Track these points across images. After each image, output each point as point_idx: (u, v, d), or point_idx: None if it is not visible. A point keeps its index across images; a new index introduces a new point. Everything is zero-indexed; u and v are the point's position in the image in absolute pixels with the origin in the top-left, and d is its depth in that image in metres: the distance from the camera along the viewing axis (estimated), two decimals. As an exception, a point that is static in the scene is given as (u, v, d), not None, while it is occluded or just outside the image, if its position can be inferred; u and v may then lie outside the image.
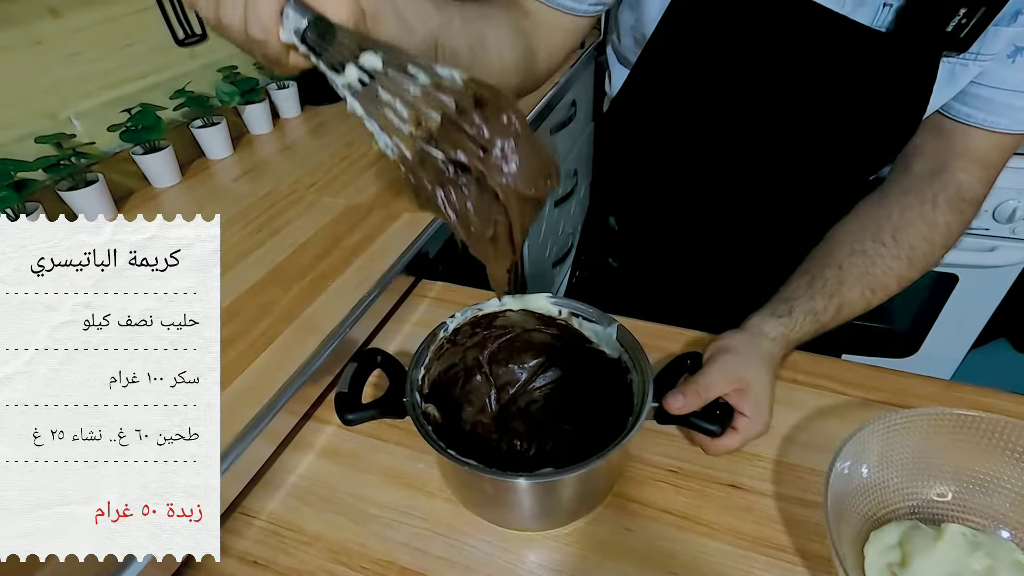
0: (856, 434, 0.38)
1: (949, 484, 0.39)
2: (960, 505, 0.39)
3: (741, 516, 0.45)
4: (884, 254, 0.52)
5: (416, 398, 0.43)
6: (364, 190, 0.86)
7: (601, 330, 0.48)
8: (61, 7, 0.78)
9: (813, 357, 0.57)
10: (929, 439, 0.39)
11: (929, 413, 0.38)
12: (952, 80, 0.48)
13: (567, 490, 0.41)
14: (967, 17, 0.42)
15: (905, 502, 0.40)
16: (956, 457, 0.39)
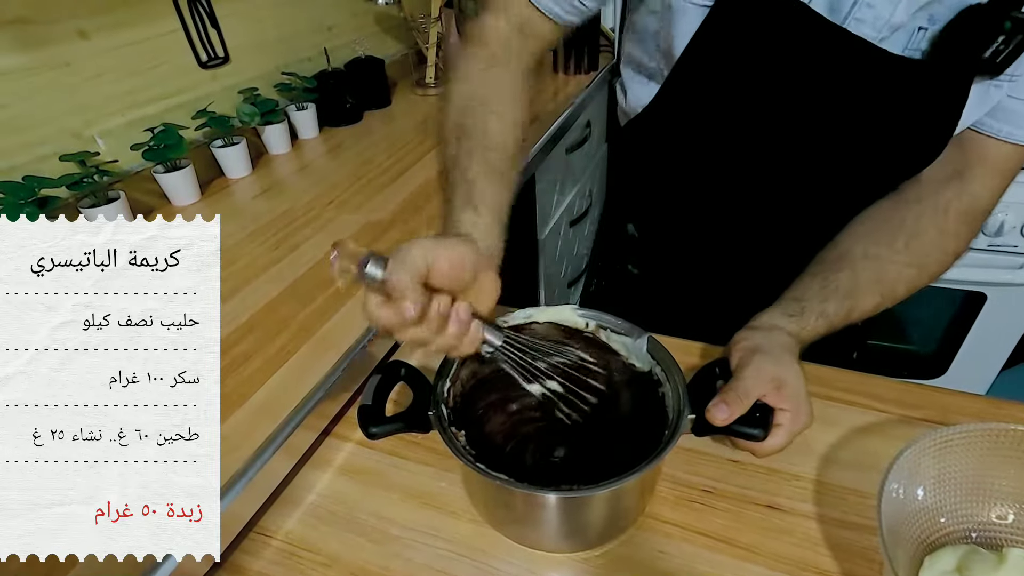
0: (905, 452, 0.36)
1: (1010, 505, 0.37)
2: (1023, 528, 0.36)
3: (781, 538, 0.42)
4: (897, 260, 0.52)
5: (443, 411, 0.42)
6: (382, 207, 0.86)
7: (631, 342, 0.47)
8: (90, 30, 0.80)
9: (847, 373, 0.55)
10: (986, 457, 0.36)
11: (986, 428, 0.36)
12: (984, 101, 0.48)
13: (599, 507, 0.39)
14: (1005, 44, 0.42)
15: (961, 525, 0.37)
16: (1017, 476, 0.36)
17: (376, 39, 1.38)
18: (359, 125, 1.19)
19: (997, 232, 0.97)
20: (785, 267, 0.57)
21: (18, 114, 0.74)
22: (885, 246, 0.52)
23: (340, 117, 1.18)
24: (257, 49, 1.07)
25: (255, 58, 1.06)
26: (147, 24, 0.87)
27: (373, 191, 0.91)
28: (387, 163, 1.01)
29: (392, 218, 0.83)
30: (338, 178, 0.96)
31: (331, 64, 1.19)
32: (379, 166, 1.00)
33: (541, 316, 0.49)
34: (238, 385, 0.53)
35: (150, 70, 0.89)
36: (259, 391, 0.53)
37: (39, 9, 0.74)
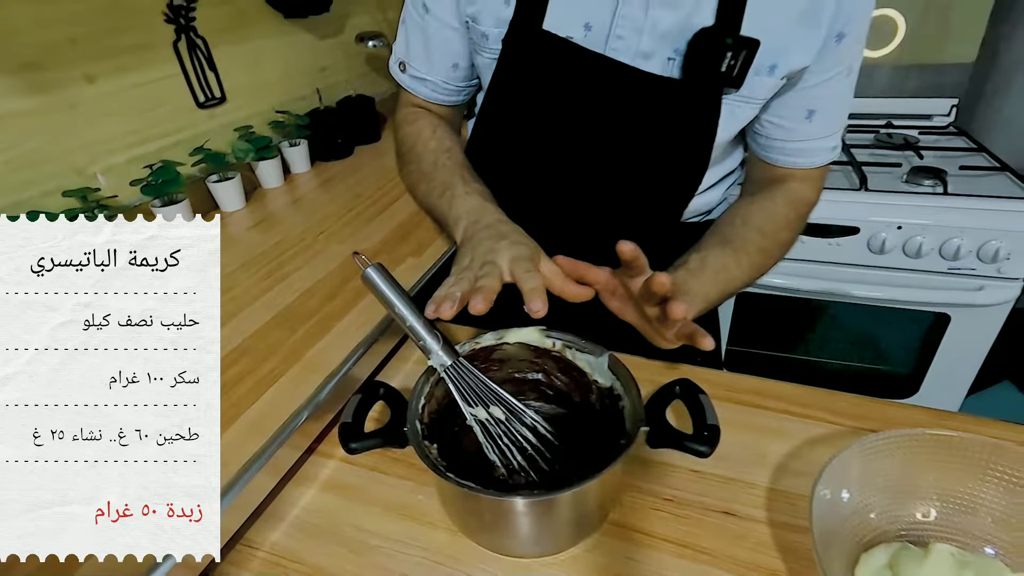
0: (834, 459, 0.40)
1: (933, 504, 0.40)
2: (945, 525, 0.40)
3: (737, 543, 0.45)
4: (745, 236, 0.58)
5: (417, 426, 0.45)
6: (370, 237, 0.90)
7: (594, 360, 0.50)
8: (97, 74, 0.85)
9: (805, 389, 0.59)
10: (908, 461, 0.40)
11: (905, 434, 0.40)
12: (732, 118, 0.56)
13: (562, 511, 0.42)
14: (734, 59, 0.51)
15: (892, 524, 0.41)
16: (937, 478, 0.40)
17: (367, 78, 1.44)
18: (350, 159, 1.25)
19: (955, 256, 1.03)
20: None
21: (25, 153, 0.78)
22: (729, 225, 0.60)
23: (331, 152, 1.23)
24: (253, 89, 1.12)
25: (251, 97, 1.12)
26: (149, 68, 0.93)
27: (362, 223, 0.96)
28: (376, 195, 1.06)
29: (379, 247, 0.87)
30: (328, 211, 1.01)
31: (323, 102, 1.25)
32: (368, 198, 1.05)
33: (511, 337, 0.53)
34: (230, 406, 0.57)
35: (151, 111, 0.94)
36: (249, 410, 0.56)
37: (50, 55, 0.79)
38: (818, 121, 0.58)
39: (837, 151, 0.62)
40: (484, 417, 0.48)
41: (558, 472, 0.48)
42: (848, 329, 1.23)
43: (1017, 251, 1.00)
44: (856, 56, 0.55)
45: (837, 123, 0.60)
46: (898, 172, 1.15)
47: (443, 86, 0.67)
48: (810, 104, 0.57)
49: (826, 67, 0.54)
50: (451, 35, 0.62)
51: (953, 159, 1.18)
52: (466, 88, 0.68)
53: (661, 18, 0.52)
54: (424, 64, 0.65)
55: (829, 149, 0.61)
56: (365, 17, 1.39)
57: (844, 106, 0.59)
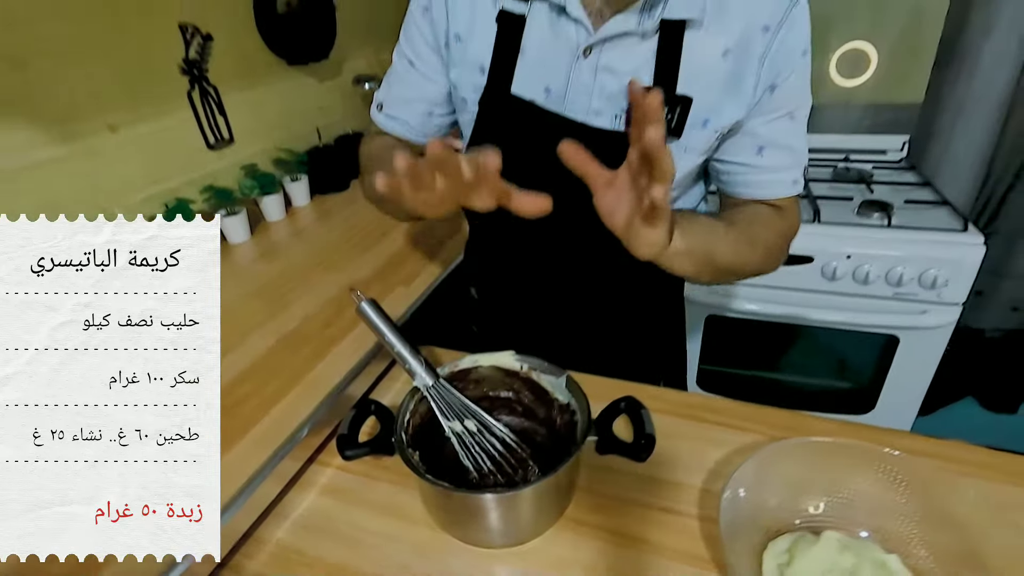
0: (740, 467, 0.48)
1: (821, 499, 0.49)
2: (832, 515, 0.48)
3: (673, 535, 0.54)
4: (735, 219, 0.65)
5: (403, 437, 0.54)
6: (364, 267, 0.99)
7: (554, 380, 0.59)
8: (119, 123, 0.94)
9: (742, 404, 0.68)
10: (801, 463, 0.49)
11: (799, 441, 0.48)
12: (681, 160, 0.63)
13: (524, 506, 0.50)
14: (670, 113, 0.59)
15: (791, 516, 0.49)
16: (823, 476, 0.49)
17: (363, 115, 1.54)
18: (346, 192, 1.34)
19: (898, 283, 1.13)
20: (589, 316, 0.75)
21: (51, 197, 0.87)
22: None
23: (329, 186, 1.33)
24: (258, 130, 1.22)
25: (256, 137, 1.22)
26: (165, 116, 1.02)
27: (357, 253, 1.05)
28: (370, 227, 1.15)
29: (371, 277, 0.96)
30: (327, 241, 1.10)
31: (322, 140, 1.35)
32: (362, 230, 1.14)
33: (485, 361, 0.62)
34: (239, 422, 0.65)
35: (166, 154, 1.03)
36: (257, 425, 0.64)
37: (79, 108, 0.89)
38: (769, 156, 0.64)
39: (799, 186, 0.67)
40: (460, 429, 0.56)
41: (522, 476, 0.56)
42: (809, 350, 1.33)
43: (954, 278, 1.10)
44: (796, 102, 0.62)
45: (791, 159, 0.65)
46: (850, 205, 1.25)
47: (414, 128, 0.74)
48: (758, 142, 0.64)
49: (764, 112, 0.61)
50: (431, 88, 0.71)
51: (901, 193, 1.29)
52: (435, 133, 0.76)
53: (607, 82, 0.61)
54: (402, 108, 0.74)
55: (790, 183, 0.66)
56: (361, 61, 1.50)
57: (795, 144, 0.65)
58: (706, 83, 0.60)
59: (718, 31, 0.58)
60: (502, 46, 0.63)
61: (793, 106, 0.62)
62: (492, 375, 0.63)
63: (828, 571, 0.45)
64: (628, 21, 0.58)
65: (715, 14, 0.57)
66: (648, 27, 0.57)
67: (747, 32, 0.58)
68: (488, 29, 0.64)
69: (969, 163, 1.43)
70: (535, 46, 0.63)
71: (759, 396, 0.67)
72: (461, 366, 0.61)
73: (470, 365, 0.62)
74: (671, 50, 0.58)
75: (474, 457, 0.56)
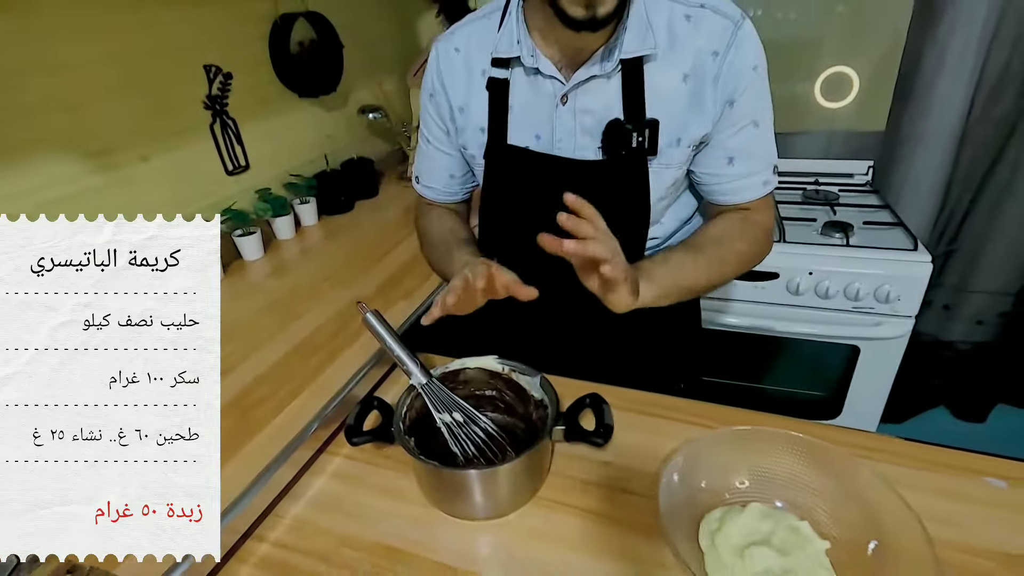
0: (676, 454, 0.58)
1: (746, 475, 0.59)
2: (756, 490, 0.58)
3: (630, 512, 0.63)
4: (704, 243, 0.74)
5: (400, 426, 0.64)
6: (369, 283, 1.10)
7: (531, 380, 0.70)
8: (150, 154, 1.06)
9: (694, 402, 0.78)
10: (728, 447, 0.59)
11: (727, 431, 0.59)
12: (659, 179, 0.73)
13: (502, 481, 0.60)
14: (641, 136, 0.69)
15: (723, 492, 0.59)
16: (745, 456, 0.59)
17: (367, 142, 1.67)
18: (352, 213, 1.46)
19: (856, 297, 1.23)
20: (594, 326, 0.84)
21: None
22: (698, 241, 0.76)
23: (336, 207, 1.44)
24: (271, 157, 1.34)
25: (269, 164, 1.34)
26: (190, 146, 1.14)
27: (361, 270, 1.15)
28: (373, 245, 1.26)
29: (375, 292, 1.07)
30: (334, 259, 1.21)
31: (330, 165, 1.47)
32: (367, 248, 1.25)
33: (472, 363, 0.72)
34: (258, 419, 0.75)
35: (190, 180, 1.15)
36: (274, 421, 0.74)
37: (117, 142, 1.00)
38: (739, 164, 0.73)
39: (770, 185, 0.75)
40: (449, 421, 0.66)
41: (502, 460, 0.66)
42: (780, 360, 1.43)
43: (905, 293, 1.21)
44: (757, 112, 0.71)
45: (761, 163, 0.74)
46: (814, 226, 1.36)
47: (443, 191, 0.88)
48: (727, 153, 0.72)
49: (729, 125, 0.70)
50: (445, 159, 0.85)
51: (862, 215, 1.40)
52: (460, 191, 0.89)
53: (585, 121, 0.71)
54: (429, 177, 0.88)
55: (761, 184, 0.74)
56: (365, 92, 1.62)
57: (762, 149, 0.73)
58: (671, 106, 0.69)
59: (673, 61, 0.68)
60: (494, 107, 0.75)
61: (756, 116, 0.71)
62: (478, 376, 0.73)
63: (750, 534, 0.55)
64: (592, 67, 0.68)
65: (667, 47, 0.68)
66: (609, 68, 0.68)
67: (699, 58, 0.68)
68: (482, 97, 0.76)
69: (928, 188, 1.54)
70: (520, 102, 0.74)
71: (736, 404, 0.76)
72: (451, 368, 0.72)
73: (459, 367, 0.72)
74: (634, 83, 0.69)
75: (461, 444, 0.66)
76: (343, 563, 0.59)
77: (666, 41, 0.68)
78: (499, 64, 0.74)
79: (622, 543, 0.60)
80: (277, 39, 1.29)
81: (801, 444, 0.57)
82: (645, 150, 0.70)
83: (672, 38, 0.68)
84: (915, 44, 1.44)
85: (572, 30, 0.62)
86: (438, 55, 0.79)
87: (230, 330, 0.94)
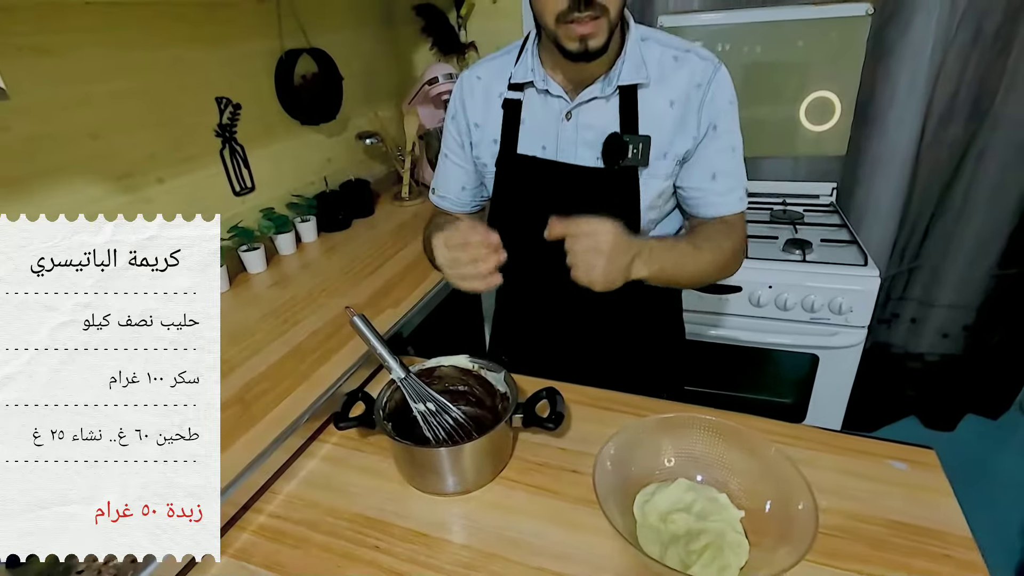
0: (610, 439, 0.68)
1: (673, 456, 0.68)
2: (681, 467, 0.68)
3: (577, 489, 0.72)
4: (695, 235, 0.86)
5: (380, 413, 0.74)
6: (361, 293, 1.21)
7: (497, 375, 0.80)
8: (166, 176, 1.18)
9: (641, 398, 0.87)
10: (657, 433, 0.68)
11: (656, 418, 0.68)
12: (647, 188, 0.84)
13: (467, 459, 0.70)
14: (635, 148, 0.80)
15: (654, 469, 0.69)
16: (671, 440, 0.69)
17: (364, 165, 1.79)
18: (349, 231, 1.57)
19: (812, 309, 1.33)
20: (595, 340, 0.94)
21: (114, 234, 1.09)
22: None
23: (334, 225, 1.55)
24: (275, 179, 1.46)
25: (273, 185, 1.45)
26: (202, 169, 1.26)
27: (355, 282, 1.26)
28: (367, 260, 1.37)
29: (367, 301, 1.17)
30: (330, 272, 1.31)
31: (329, 186, 1.58)
32: (361, 262, 1.36)
33: (447, 362, 0.82)
34: (258, 410, 0.85)
35: (201, 200, 1.26)
36: (272, 411, 0.84)
37: (136, 166, 1.12)
38: (721, 181, 0.84)
39: (744, 202, 0.87)
40: (423, 409, 0.76)
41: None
42: (747, 368, 1.52)
43: (857, 305, 1.30)
44: (734, 140, 0.83)
45: (736, 182, 0.85)
46: (776, 243, 1.47)
47: (455, 201, 1.00)
48: (711, 169, 0.84)
49: (713, 146, 0.82)
50: (459, 171, 0.97)
51: (821, 233, 1.51)
52: (471, 203, 1.01)
53: (586, 134, 0.84)
54: (444, 188, 1.01)
55: (737, 199, 0.86)
56: (363, 119, 1.75)
57: (738, 171, 0.85)
58: (660, 126, 0.82)
59: (663, 90, 0.82)
60: (507, 121, 0.88)
61: (734, 143, 0.84)
62: (451, 373, 0.83)
63: (675, 503, 0.65)
64: (594, 90, 0.82)
65: (658, 79, 0.82)
66: (608, 92, 0.81)
67: (686, 88, 0.81)
68: (497, 114, 0.89)
69: (887, 207, 1.65)
70: (531, 117, 0.87)
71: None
72: (427, 365, 0.82)
73: (434, 365, 0.82)
74: (629, 105, 0.82)
75: (433, 430, 0.76)
76: (328, 530, 0.69)
77: (656, 74, 0.82)
78: (514, 88, 0.87)
79: (569, 514, 0.69)
80: (282, 72, 1.42)
81: (716, 427, 0.67)
82: (639, 160, 0.82)
83: (661, 72, 0.82)
84: (869, 76, 1.56)
85: (571, 61, 0.76)
86: (462, 82, 0.93)
87: (235, 334, 1.05)
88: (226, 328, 1.07)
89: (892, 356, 1.99)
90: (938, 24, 1.41)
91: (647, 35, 0.84)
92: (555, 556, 0.64)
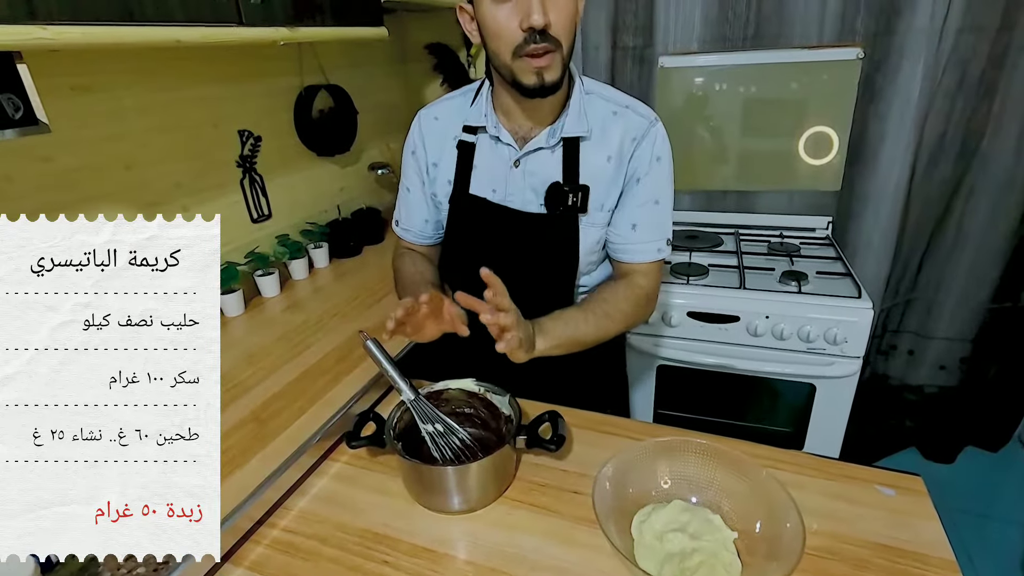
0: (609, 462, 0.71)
1: (668, 477, 0.72)
2: (677, 489, 0.71)
3: (578, 509, 0.76)
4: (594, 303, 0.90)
5: (391, 433, 0.78)
6: (371, 317, 1.25)
7: (501, 399, 0.84)
8: (190, 205, 1.24)
9: (638, 423, 0.91)
10: (652, 455, 0.72)
11: (651, 442, 0.72)
12: (586, 234, 0.91)
13: (473, 478, 0.73)
14: (575, 197, 0.87)
15: (651, 490, 0.72)
16: (666, 463, 0.72)
17: (375, 194, 1.86)
18: (359, 257, 1.63)
19: (808, 339, 1.37)
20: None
21: (139, 258, 1.15)
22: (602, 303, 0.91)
23: (346, 252, 1.61)
24: (290, 207, 1.52)
25: (289, 213, 1.52)
26: (223, 198, 1.32)
27: (365, 307, 1.31)
28: (377, 286, 1.42)
29: (377, 325, 1.22)
30: (342, 297, 1.36)
31: (341, 214, 1.65)
32: (371, 288, 1.41)
33: (454, 385, 0.86)
34: (273, 428, 0.89)
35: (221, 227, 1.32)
36: (286, 431, 0.88)
37: (163, 194, 1.18)
38: (640, 231, 0.90)
39: (663, 253, 0.92)
40: (432, 430, 0.80)
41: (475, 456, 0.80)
42: (747, 396, 1.55)
43: (851, 336, 1.34)
44: (659, 193, 0.89)
45: (657, 234, 0.91)
46: (773, 274, 1.51)
47: (418, 234, 1.06)
48: (632, 220, 0.90)
49: (636, 197, 0.89)
50: (421, 205, 1.03)
51: (817, 265, 1.56)
52: (433, 235, 1.06)
53: (532, 181, 0.90)
54: (407, 221, 1.06)
55: (655, 251, 0.91)
56: (375, 151, 1.83)
57: (660, 223, 0.90)
58: (598, 179, 0.89)
59: (602, 145, 0.89)
60: (461, 163, 0.94)
61: (657, 195, 0.90)
62: (458, 395, 0.87)
63: (670, 523, 0.68)
64: (539, 140, 0.89)
65: (599, 134, 0.88)
66: (553, 142, 0.88)
67: (622, 142, 0.88)
68: (452, 155, 0.95)
69: (880, 242, 1.70)
70: (483, 162, 0.93)
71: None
72: (436, 388, 0.86)
73: (442, 387, 0.86)
74: (571, 156, 0.89)
75: (441, 450, 0.80)
76: (338, 544, 0.72)
77: (598, 129, 0.88)
78: (468, 131, 0.94)
79: (570, 533, 0.72)
80: (301, 107, 1.50)
81: (710, 451, 0.71)
82: (578, 208, 0.88)
83: (602, 128, 0.88)
84: (861, 116, 1.63)
85: (527, 97, 0.81)
86: (420, 121, 1.00)
87: (250, 356, 1.09)
88: (241, 349, 1.12)
89: (890, 387, 2.01)
90: (925, 68, 1.49)
91: (591, 89, 0.91)
92: (556, 572, 0.67)
